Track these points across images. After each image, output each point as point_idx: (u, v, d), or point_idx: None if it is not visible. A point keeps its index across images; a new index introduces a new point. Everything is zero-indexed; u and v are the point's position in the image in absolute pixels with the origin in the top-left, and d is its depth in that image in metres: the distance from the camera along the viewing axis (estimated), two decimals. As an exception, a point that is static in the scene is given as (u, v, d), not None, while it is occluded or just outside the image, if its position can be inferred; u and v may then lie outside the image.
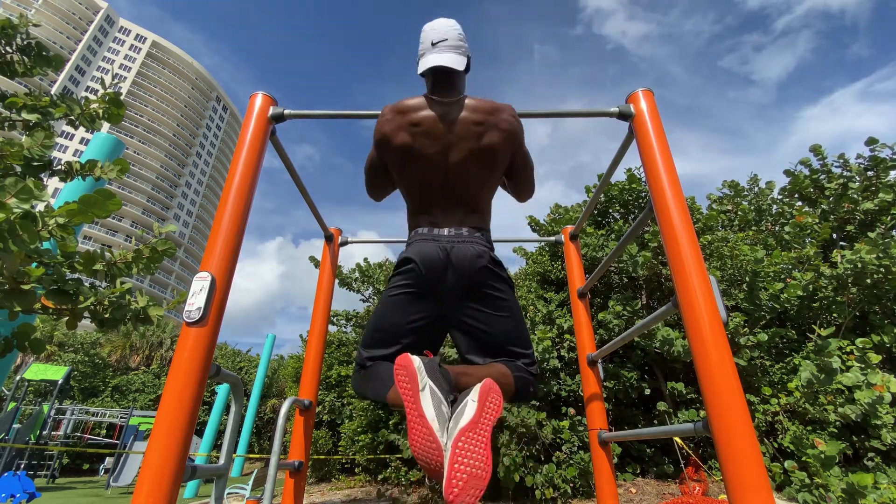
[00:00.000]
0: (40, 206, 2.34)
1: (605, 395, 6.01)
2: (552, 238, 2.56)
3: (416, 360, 1.14)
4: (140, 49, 75.60)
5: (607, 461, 1.88)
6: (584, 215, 2.28)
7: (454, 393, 1.16)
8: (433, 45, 1.44)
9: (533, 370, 1.39)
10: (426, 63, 1.43)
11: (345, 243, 2.53)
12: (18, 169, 2.62)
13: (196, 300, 1.19)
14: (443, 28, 1.45)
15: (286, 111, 1.54)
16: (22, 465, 11.69)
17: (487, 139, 1.41)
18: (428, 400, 1.07)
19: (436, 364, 1.18)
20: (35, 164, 2.69)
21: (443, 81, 1.45)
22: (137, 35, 77.13)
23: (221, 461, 1.36)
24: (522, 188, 1.61)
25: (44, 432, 12.50)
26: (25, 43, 2.98)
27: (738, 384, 1.04)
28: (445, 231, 1.42)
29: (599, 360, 2.08)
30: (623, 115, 1.50)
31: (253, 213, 1.48)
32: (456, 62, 1.42)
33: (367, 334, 1.45)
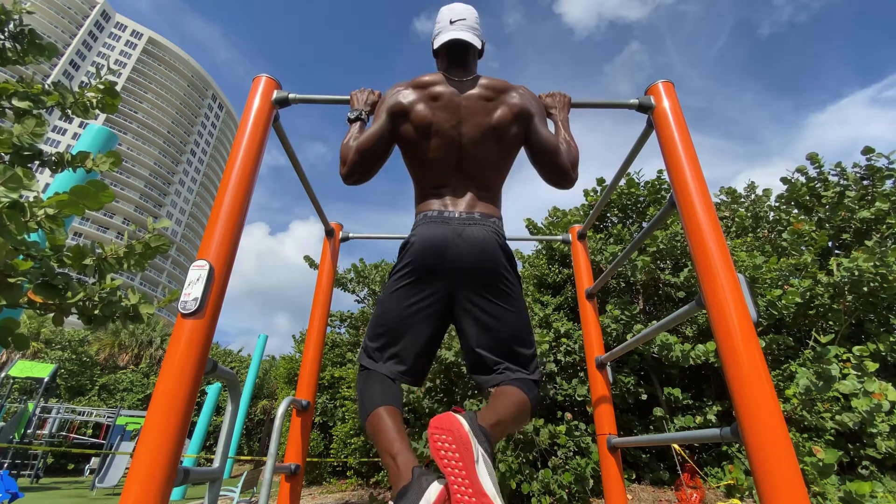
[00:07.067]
0: (29, 197, 2.25)
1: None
2: (559, 237, 2.51)
3: (466, 424, 0.96)
4: (136, 45, 74.95)
5: (616, 467, 1.82)
6: (593, 213, 2.23)
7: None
8: (451, 22, 1.47)
9: (537, 375, 1.34)
10: (444, 38, 1.45)
11: (346, 238, 2.45)
12: (7, 157, 2.52)
13: (193, 290, 1.10)
14: (461, 9, 1.49)
15: (291, 95, 1.47)
16: (5, 465, 11.47)
17: (498, 115, 1.41)
18: (485, 473, 0.90)
19: (477, 424, 1.01)
20: (25, 153, 2.60)
21: (458, 59, 1.47)
22: (133, 31, 76.48)
23: (216, 464, 1.27)
24: (549, 172, 1.48)
25: (28, 431, 12.26)
26: (18, 30, 2.89)
27: (772, 388, 0.98)
28: (456, 213, 1.36)
29: (608, 363, 2.02)
30: (643, 108, 1.45)
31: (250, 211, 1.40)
32: (473, 40, 1.45)
33: (371, 325, 1.39)
